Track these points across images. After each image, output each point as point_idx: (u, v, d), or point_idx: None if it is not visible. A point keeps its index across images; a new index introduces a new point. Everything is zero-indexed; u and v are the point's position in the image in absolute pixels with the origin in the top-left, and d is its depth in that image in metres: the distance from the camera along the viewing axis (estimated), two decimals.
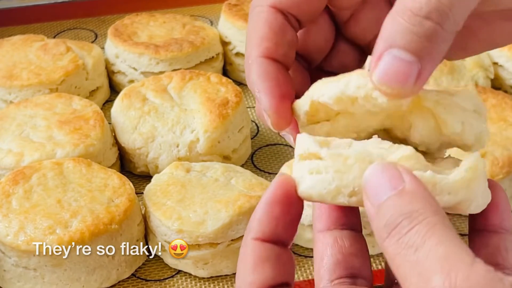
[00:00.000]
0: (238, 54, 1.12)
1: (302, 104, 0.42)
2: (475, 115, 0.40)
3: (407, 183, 0.35)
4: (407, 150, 0.37)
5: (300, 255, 0.80)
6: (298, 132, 0.43)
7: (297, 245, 0.81)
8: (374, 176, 0.36)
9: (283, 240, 0.40)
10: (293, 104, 0.43)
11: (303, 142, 0.40)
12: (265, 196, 0.40)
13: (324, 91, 0.41)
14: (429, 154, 0.43)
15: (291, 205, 0.40)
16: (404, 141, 0.42)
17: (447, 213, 0.36)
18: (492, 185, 0.41)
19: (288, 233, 0.40)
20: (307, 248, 0.81)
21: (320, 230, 0.44)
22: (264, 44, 0.43)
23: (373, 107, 0.39)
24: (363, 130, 0.43)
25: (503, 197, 0.41)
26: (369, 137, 0.42)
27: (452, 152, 0.43)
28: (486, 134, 0.41)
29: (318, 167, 0.38)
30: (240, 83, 1.05)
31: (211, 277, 0.78)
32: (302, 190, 0.39)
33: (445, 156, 0.43)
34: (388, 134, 0.43)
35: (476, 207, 0.38)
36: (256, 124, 1.03)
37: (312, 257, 0.79)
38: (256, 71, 0.43)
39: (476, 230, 0.41)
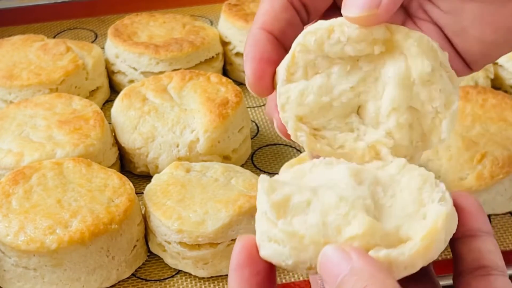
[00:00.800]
0: (238, 54, 1.12)
1: (285, 59, 0.44)
2: (445, 73, 0.43)
3: (354, 261, 0.37)
4: (362, 225, 0.38)
5: None
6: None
7: None
8: (328, 262, 0.37)
9: None
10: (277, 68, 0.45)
11: (261, 201, 0.41)
12: (231, 263, 0.41)
13: (305, 30, 0.44)
14: (402, 150, 0.44)
15: (258, 264, 0.40)
16: (375, 125, 0.44)
17: None
18: (459, 196, 0.42)
19: None
20: None
21: None
22: (262, 18, 0.46)
23: (348, 41, 0.43)
24: (337, 98, 0.44)
25: (474, 203, 0.42)
26: (341, 111, 0.44)
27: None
28: (456, 98, 0.43)
29: (275, 238, 0.39)
30: (240, 83, 1.05)
31: (211, 277, 0.78)
32: (263, 255, 0.40)
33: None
34: (361, 117, 0.45)
35: (439, 253, 0.39)
36: (256, 124, 1.03)
37: None
38: (248, 40, 0.45)
39: (456, 238, 0.42)
